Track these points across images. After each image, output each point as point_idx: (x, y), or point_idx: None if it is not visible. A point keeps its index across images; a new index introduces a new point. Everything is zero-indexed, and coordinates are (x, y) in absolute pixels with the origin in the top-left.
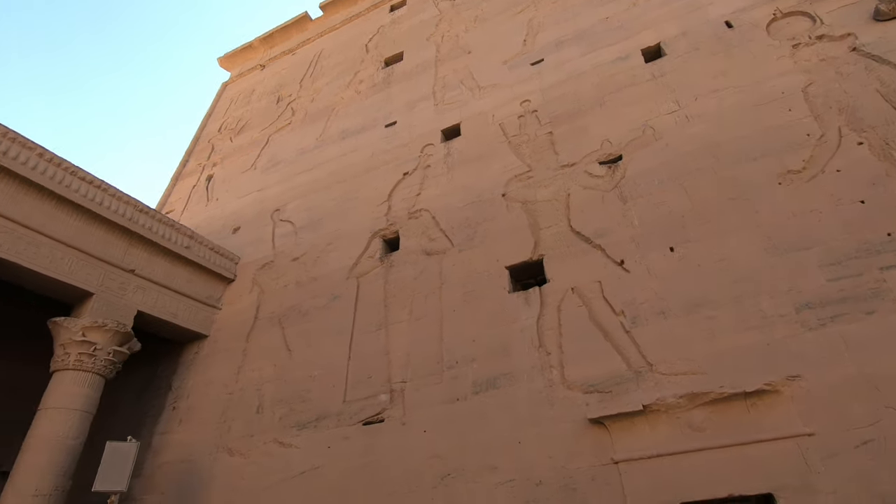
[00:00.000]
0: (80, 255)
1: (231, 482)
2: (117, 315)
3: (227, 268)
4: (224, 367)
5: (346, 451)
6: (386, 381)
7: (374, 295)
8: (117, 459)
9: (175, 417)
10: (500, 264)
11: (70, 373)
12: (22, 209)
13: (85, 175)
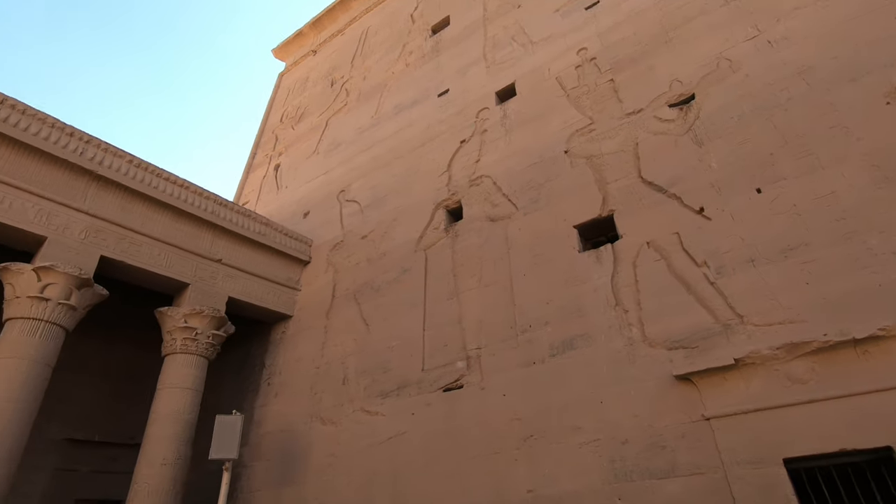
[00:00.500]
0: (174, 250)
1: (327, 448)
2: (211, 301)
3: (301, 251)
4: (309, 344)
5: (429, 416)
6: (461, 348)
7: (443, 265)
8: (226, 431)
9: (271, 391)
10: (567, 224)
11: (179, 356)
12: (123, 213)
13: (169, 176)
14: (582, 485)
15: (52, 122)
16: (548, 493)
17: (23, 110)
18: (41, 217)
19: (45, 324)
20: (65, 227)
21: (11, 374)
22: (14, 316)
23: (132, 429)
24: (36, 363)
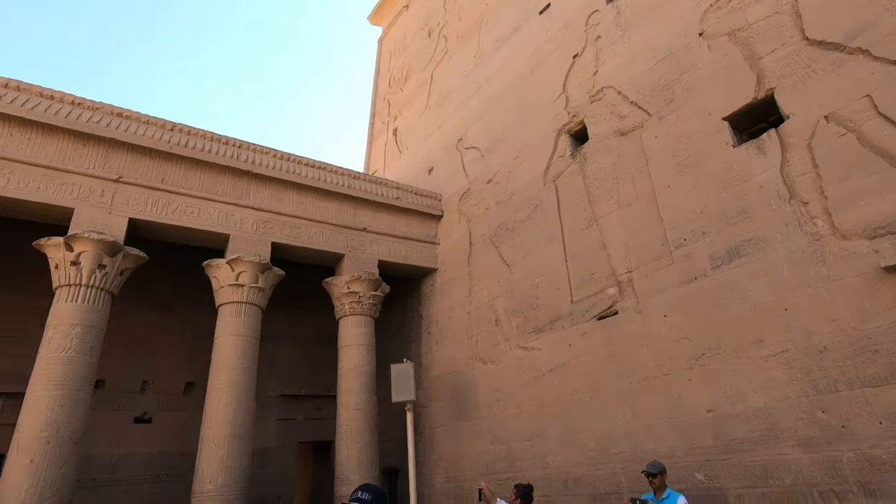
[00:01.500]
0: (326, 227)
1: (491, 385)
2: (365, 267)
3: (433, 206)
4: (457, 293)
5: (587, 346)
6: (610, 274)
7: (575, 193)
8: (401, 377)
9: (432, 340)
10: (714, 118)
11: (349, 318)
12: (280, 202)
13: (310, 161)
14: (773, 400)
15: (211, 136)
16: (732, 411)
17: (188, 131)
18: (222, 218)
19: (244, 305)
20: (240, 224)
21: (233, 348)
22: (223, 302)
23: (328, 383)
24: (246, 337)
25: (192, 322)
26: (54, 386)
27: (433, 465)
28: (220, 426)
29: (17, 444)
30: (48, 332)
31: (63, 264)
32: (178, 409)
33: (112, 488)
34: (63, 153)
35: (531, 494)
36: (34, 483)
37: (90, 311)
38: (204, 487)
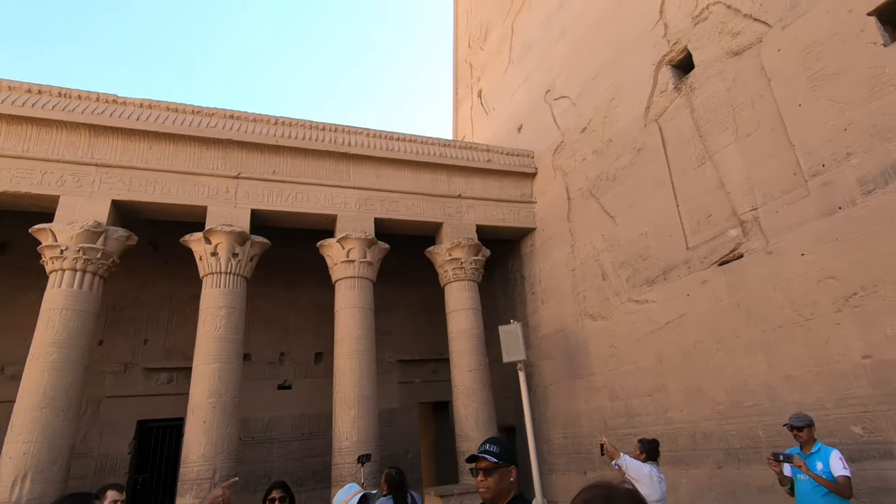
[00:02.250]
0: (422, 198)
1: (604, 340)
2: (464, 233)
3: (526, 164)
4: (559, 250)
5: (708, 294)
6: (730, 214)
7: (683, 130)
8: (510, 337)
9: (537, 300)
10: (856, 14)
11: (453, 284)
12: (378, 178)
13: (400, 136)
14: None
15: (310, 125)
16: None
17: (290, 123)
18: (328, 200)
19: (356, 279)
20: (344, 203)
21: (351, 319)
22: (338, 278)
23: (440, 347)
24: (361, 309)
25: (314, 298)
26: (212, 360)
27: (549, 421)
28: (349, 390)
29: (192, 408)
30: (202, 314)
31: (205, 255)
32: (312, 376)
33: (267, 445)
34: (192, 158)
35: (657, 449)
36: (209, 440)
37: (231, 295)
38: (342, 444)
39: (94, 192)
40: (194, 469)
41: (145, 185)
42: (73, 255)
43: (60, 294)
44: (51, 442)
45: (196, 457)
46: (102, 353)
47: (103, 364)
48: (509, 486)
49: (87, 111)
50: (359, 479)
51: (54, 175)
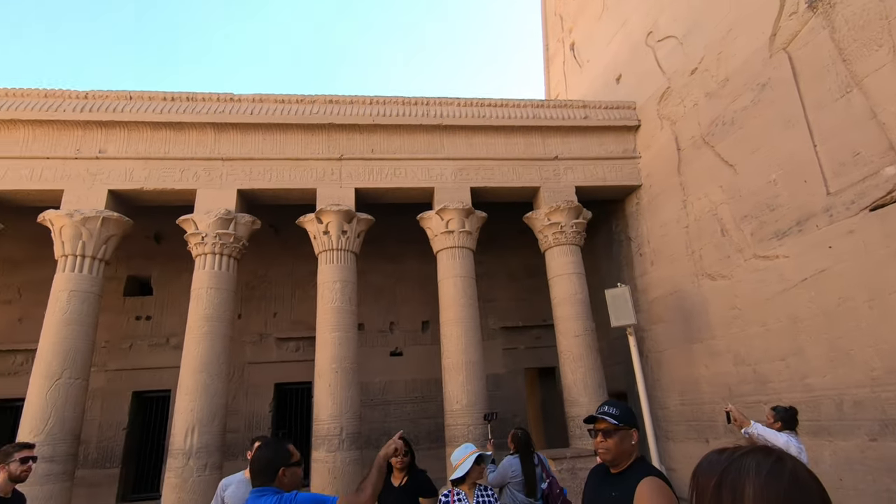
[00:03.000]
0: (516, 163)
1: (725, 301)
2: (563, 196)
3: (627, 117)
4: (669, 206)
5: (857, 245)
6: (885, 150)
7: (819, 55)
8: (618, 301)
9: (645, 261)
10: None
11: (554, 249)
12: (471, 147)
13: (492, 101)
14: None
15: (403, 101)
16: None
17: (383, 101)
18: (424, 173)
19: (456, 249)
20: (440, 175)
21: (454, 289)
22: (439, 248)
23: (543, 313)
24: (463, 278)
25: (418, 269)
26: (332, 329)
27: (664, 388)
28: (456, 356)
29: (318, 373)
30: (319, 289)
31: (318, 234)
32: (420, 343)
33: (384, 406)
34: (300, 145)
35: (795, 418)
36: (335, 402)
37: (343, 269)
38: (452, 407)
39: (223, 183)
40: (324, 426)
41: (262, 173)
42: (212, 240)
43: (205, 275)
44: (209, 401)
45: (325, 416)
46: (241, 325)
47: (243, 335)
48: (630, 448)
49: (211, 111)
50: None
51: (190, 171)
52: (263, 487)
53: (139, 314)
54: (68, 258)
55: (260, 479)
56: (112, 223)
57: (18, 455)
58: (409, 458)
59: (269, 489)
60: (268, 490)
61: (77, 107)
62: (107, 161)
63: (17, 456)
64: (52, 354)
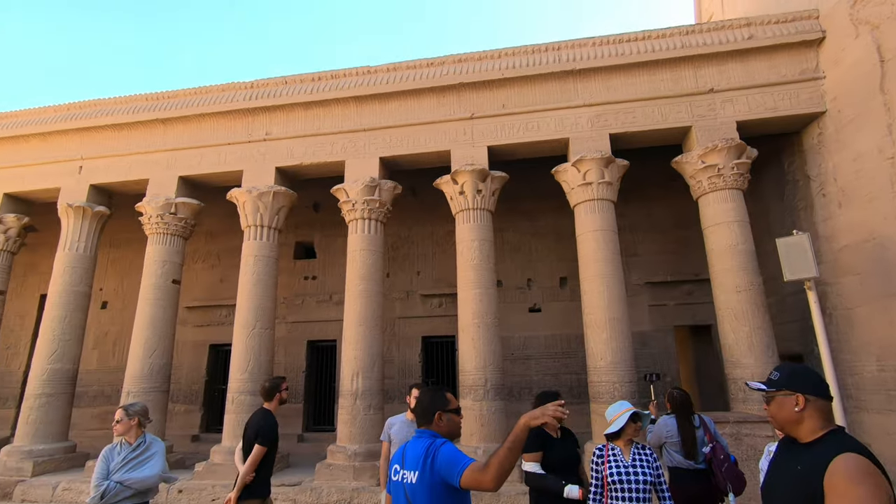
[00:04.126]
0: (662, 102)
1: None
2: (720, 134)
3: (806, 29)
4: (867, 135)
5: None
6: None
7: None
8: (793, 251)
9: (830, 203)
10: None
11: (709, 195)
12: (608, 91)
13: (630, 36)
14: None
15: (532, 49)
16: None
17: (512, 52)
18: (558, 123)
19: (595, 202)
20: (575, 124)
21: (594, 243)
22: (576, 202)
23: (694, 267)
24: (603, 231)
25: (554, 225)
26: (472, 286)
27: (856, 350)
28: (598, 312)
29: (461, 327)
30: (458, 247)
31: (454, 195)
32: (559, 300)
33: (525, 361)
34: (432, 108)
35: None
36: (478, 354)
37: (479, 228)
38: (596, 364)
39: (366, 153)
40: (470, 377)
41: (400, 140)
42: (361, 206)
43: (357, 238)
44: (368, 350)
45: (470, 367)
46: (390, 283)
47: (392, 292)
48: (793, 416)
49: (351, 85)
50: (632, 393)
51: (338, 144)
52: (423, 429)
53: (307, 275)
54: (251, 228)
55: (420, 421)
56: (281, 196)
57: (283, 384)
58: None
59: (427, 431)
60: (426, 432)
61: (246, 96)
62: (272, 142)
63: (283, 385)
64: (246, 309)
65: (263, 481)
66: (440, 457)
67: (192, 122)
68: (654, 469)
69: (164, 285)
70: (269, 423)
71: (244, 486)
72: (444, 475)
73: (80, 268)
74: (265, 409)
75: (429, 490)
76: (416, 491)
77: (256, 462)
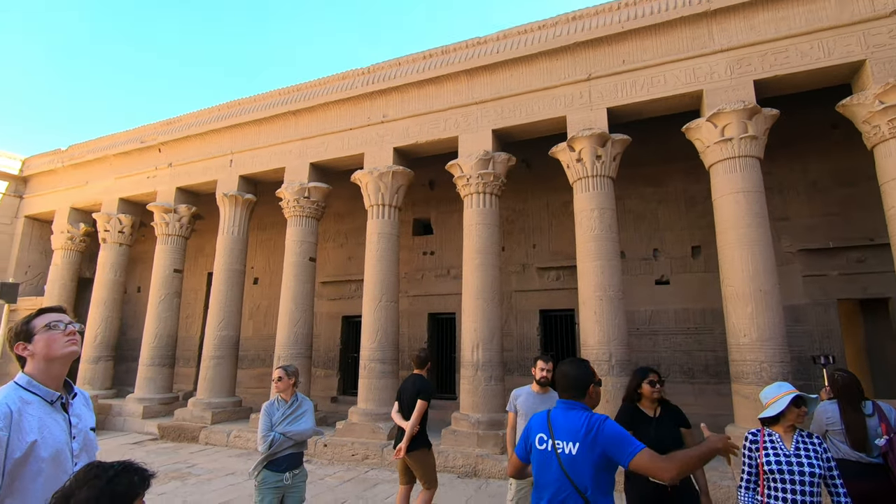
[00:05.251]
0: (822, 34)
1: None
2: None
3: None
4: None
5: None
6: None
7: None
8: None
9: None
10: None
11: (890, 142)
12: (751, 31)
13: None
14: None
15: None
16: None
17: (633, 2)
18: (689, 75)
19: (736, 160)
20: (709, 74)
21: (735, 206)
22: (712, 162)
23: (865, 230)
24: (746, 192)
25: (682, 191)
26: (593, 258)
27: None
28: (741, 283)
29: (582, 300)
30: (577, 218)
31: (571, 163)
32: (689, 271)
33: (652, 336)
34: (544, 73)
35: None
36: (601, 329)
37: (599, 196)
38: (739, 340)
39: (479, 126)
40: (593, 352)
41: (512, 110)
42: (475, 180)
43: (472, 213)
44: (487, 323)
45: (593, 342)
46: (505, 257)
47: (507, 265)
48: None
49: (461, 59)
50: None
51: (451, 120)
52: (572, 401)
53: (425, 250)
54: (373, 207)
55: (570, 392)
56: (399, 175)
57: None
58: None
59: (578, 404)
60: (577, 405)
61: (363, 81)
62: (389, 123)
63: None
64: (372, 283)
65: (426, 433)
66: (606, 432)
67: (317, 112)
68: (823, 461)
69: (303, 262)
70: (426, 384)
71: (412, 437)
72: (609, 452)
73: (235, 249)
74: (418, 374)
75: (592, 463)
76: (577, 462)
77: (420, 416)
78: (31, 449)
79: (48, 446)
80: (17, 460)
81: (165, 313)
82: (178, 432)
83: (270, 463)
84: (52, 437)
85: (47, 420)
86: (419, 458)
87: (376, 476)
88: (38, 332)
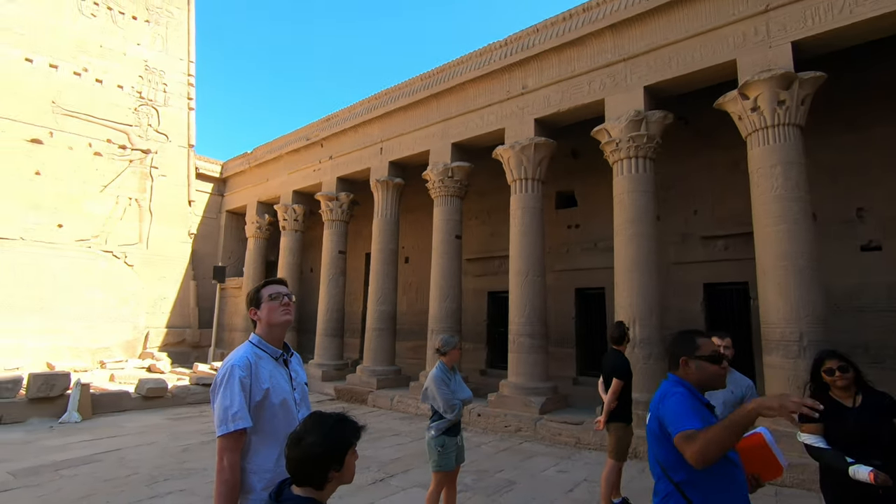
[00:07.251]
0: None
1: None
2: None
3: None
4: None
5: None
6: None
7: None
8: None
9: None
10: None
11: None
12: None
13: None
14: None
15: None
16: None
17: None
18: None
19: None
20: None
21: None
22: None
23: None
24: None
25: (892, 135)
26: (775, 222)
27: None
28: None
29: (761, 271)
30: (752, 177)
31: (744, 114)
32: None
33: (856, 314)
34: (707, 13)
35: None
36: (787, 303)
37: (783, 149)
38: None
39: (628, 85)
40: (776, 330)
41: (666, 63)
42: (626, 144)
43: (623, 180)
44: (645, 298)
45: (776, 318)
46: (661, 226)
47: (665, 236)
48: None
49: (607, 13)
50: None
51: (596, 82)
52: (671, 373)
53: (569, 223)
54: (516, 182)
55: (668, 365)
56: (541, 147)
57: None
58: (854, 374)
59: (673, 377)
60: (672, 377)
61: (500, 55)
62: (529, 94)
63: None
64: (518, 259)
65: (624, 407)
66: (666, 405)
67: (456, 91)
68: None
69: (449, 240)
70: (622, 362)
71: (609, 411)
72: (665, 425)
73: (388, 230)
74: (616, 350)
75: (654, 435)
76: (650, 433)
77: (616, 393)
78: (266, 395)
79: (278, 394)
80: (257, 403)
81: (334, 290)
82: (350, 395)
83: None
84: (280, 387)
85: (275, 372)
86: (613, 430)
87: (531, 448)
88: (264, 301)
